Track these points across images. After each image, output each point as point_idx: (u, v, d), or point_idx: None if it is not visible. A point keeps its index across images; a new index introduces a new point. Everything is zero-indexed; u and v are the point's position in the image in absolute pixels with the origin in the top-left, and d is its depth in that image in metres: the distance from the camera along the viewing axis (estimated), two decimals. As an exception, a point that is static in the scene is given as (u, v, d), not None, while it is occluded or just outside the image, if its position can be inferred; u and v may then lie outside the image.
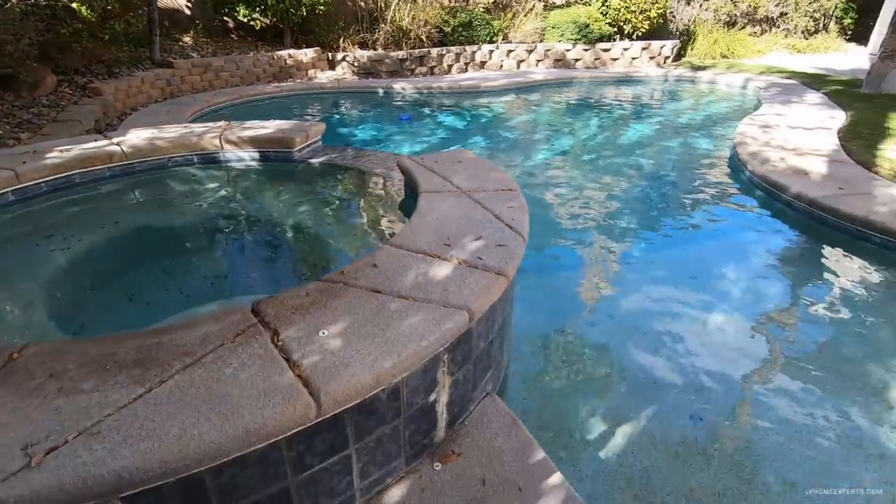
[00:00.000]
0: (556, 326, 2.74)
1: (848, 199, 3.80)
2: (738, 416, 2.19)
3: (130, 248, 2.92)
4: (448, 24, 10.10)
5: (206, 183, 3.42)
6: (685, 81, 10.35)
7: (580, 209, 4.33)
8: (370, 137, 6.49)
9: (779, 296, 3.14)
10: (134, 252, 2.93)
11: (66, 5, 5.06)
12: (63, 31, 5.11)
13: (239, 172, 3.49)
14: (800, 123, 6.13)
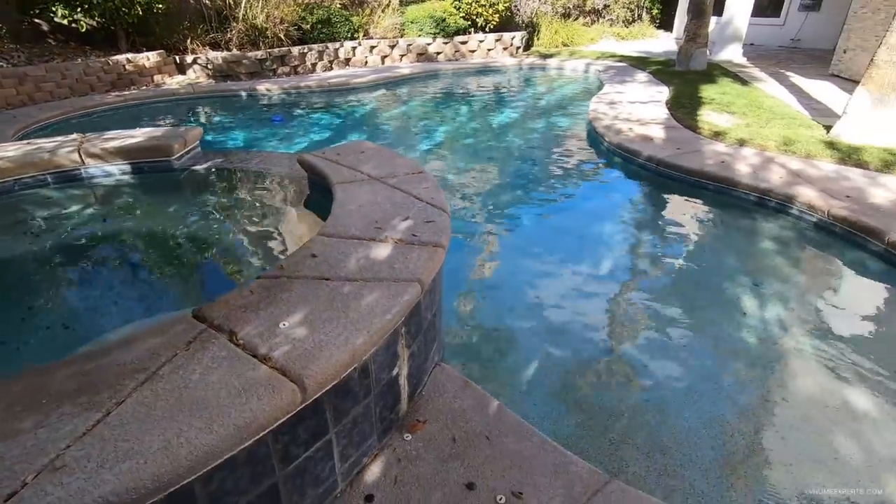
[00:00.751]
0: (461, 297, 2.93)
1: (685, 156, 4.56)
2: (623, 339, 2.57)
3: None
4: (306, 22, 9.80)
5: (69, 205, 2.98)
6: (537, 68, 11.31)
7: (465, 192, 4.58)
8: (242, 142, 6.10)
9: (645, 239, 3.69)
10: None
11: None
12: None
13: (110, 189, 3.09)
14: (637, 99, 7.12)
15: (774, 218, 3.79)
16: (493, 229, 3.84)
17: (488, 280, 3.15)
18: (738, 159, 4.44)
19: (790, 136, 4.94)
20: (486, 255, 3.49)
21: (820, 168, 4.21)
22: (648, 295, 2.96)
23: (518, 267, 3.29)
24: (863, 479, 1.81)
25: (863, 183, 3.86)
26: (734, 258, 3.35)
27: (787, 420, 2.06)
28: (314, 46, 9.91)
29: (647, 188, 4.58)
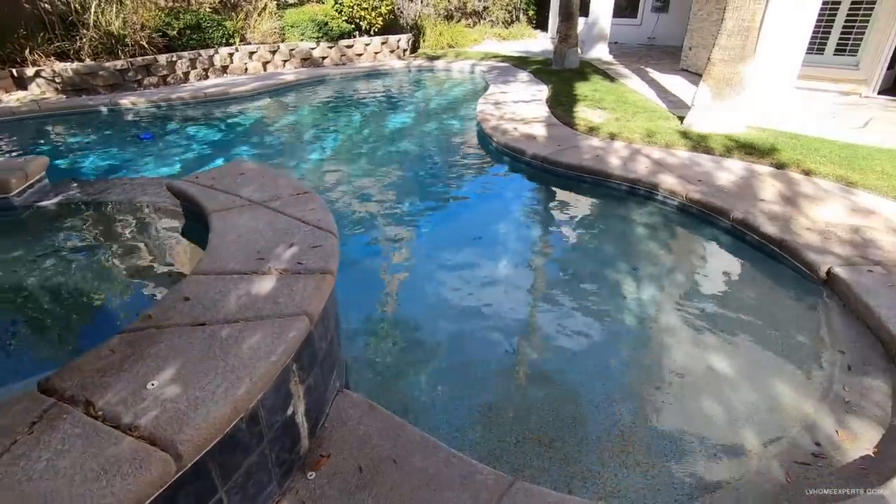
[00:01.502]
0: (368, 312, 2.90)
1: (565, 152, 4.89)
2: (520, 335, 2.71)
3: None
4: (172, 27, 9.01)
5: None
6: (425, 70, 11.44)
7: (363, 201, 4.53)
8: (105, 166, 5.47)
9: (535, 235, 3.91)
10: None
11: None
12: None
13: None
14: (520, 98, 7.49)
15: (644, 204, 4.20)
16: (391, 239, 3.83)
17: (388, 292, 3.13)
18: (610, 152, 4.85)
19: (652, 128, 5.50)
20: (385, 266, 3.47)
21: (677, 156, 4.74)
22: (541, 289, 3.13)
23: (417, 275, 3.31)
24: (728, 436, 2.07)
25: (711, 167, 4.40)
26: (613, 245, 3.66)
27: (667, 392, 2.30)
28: (184, 54, 9.15)
29: (534, 184, 4.84)
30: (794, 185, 3.95)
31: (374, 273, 3.37)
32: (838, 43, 7.29)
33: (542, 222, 4.16)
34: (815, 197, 3.72)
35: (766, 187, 3.93)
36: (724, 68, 5.08)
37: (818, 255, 2.94)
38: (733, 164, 4.49)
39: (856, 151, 4.58)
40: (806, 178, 4.12)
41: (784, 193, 3.80)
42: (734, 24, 4.91)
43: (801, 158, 4.41)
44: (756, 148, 4.73)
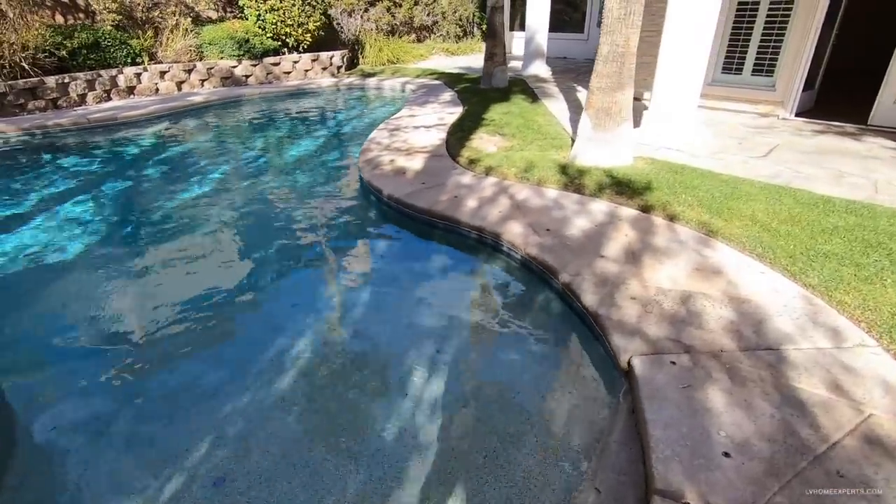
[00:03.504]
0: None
1: (424, 193, 4.38)
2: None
3: None
4: (64, 47, 8.41)
5: None
6: (356, 89, 10.96)
7: (221, 256, 3.97)
8: None
9: (380, 281, 3.35)
10: None
11: None
12: None
13: None
14: (424, 123, 7.01)
15: (487, 258, 3.70)
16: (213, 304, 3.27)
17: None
18: (473, 192, 4.36)
19: (536, 159, 5.03)
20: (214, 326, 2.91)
21: (544, 196, 4.26)
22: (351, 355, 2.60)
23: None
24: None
25: (571, 211, 3.92)
26: (428, 313, 3.13)
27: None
28: (79, 75, 8.55)
29: (391, 228, 4.33)
30: (648, 235, 3.47)
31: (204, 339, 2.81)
32: (755, 63, 6.93)
33: (390, 267, 3.63)
34: (663, 251, 3.25)
35: (617, 238, 3.45)
36: (602, 97, 4.64)
37: (625, 337, 2.44)
38: (598, 206, 4.02)
39: (736, 189, 4.14)
40: (668, 224, 3.65)
41: (632, 247, 3.32)
42: (609, 50, 4.48)
43: (671, 199, 3.95)
44: (630, 186, 4.27)
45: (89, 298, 3.34)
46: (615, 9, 4.31)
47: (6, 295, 3.45)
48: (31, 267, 3.80)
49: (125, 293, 3.43)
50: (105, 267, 3.79)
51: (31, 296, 3.43)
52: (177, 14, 10.31)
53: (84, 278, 3.62)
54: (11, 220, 4.63)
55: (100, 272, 3.71)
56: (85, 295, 3.38)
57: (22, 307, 3.30)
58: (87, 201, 5.08)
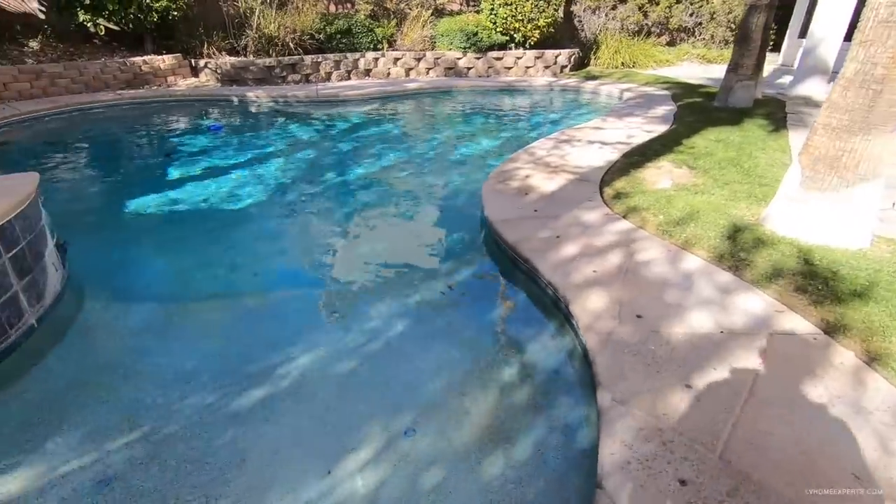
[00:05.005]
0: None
1: (524, 223, 3.63)
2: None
3: None
4: (325, 32, 9.94)
5: None
6: (569, 91, 10.22)
7: (342, 241, 4.13)
8: (176, 149, 6.30)
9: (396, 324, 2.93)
10: None
11: None
12: None
13: None
14: (604, 139, 5.98)
15: (552, 330, 2.80)
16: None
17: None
18: (585, 235, 3.40)
19: (706, 210, 3.69)
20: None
21: (675, 264, 3.03)
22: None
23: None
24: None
25: (699, 299, 2.67)
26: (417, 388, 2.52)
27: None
28: (330, 56, 10.02)
29: (463, 251, 3.74)
30: (813, 381, 2.09)
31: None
32: None
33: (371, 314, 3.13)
34: (836, 425, 1.89)
35: (748, 365, 2.18)
36: (828, 140, 3.05)
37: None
38: (751, 302, 2.64)
39: None
40: (863, 365, 2.16)
41: (766, 394, 2.04)
42: (857, 70, 2.88)
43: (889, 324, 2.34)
44: (831, 283, 2.70)
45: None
46: (883, 7, 2.71)
47: (236, 216, 4.40)
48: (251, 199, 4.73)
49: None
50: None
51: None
52: (421, 6, 11.15)
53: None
54: (240, 163, 5.68)
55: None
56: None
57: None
58: (283, 157, 5.90)
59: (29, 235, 2.61)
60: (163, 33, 9.18)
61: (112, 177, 5.66)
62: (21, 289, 2.50)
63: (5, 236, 2.41)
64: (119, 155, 6.39)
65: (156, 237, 4.15)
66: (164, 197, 4.82)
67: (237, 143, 6.53)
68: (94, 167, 5.91)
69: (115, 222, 4.40)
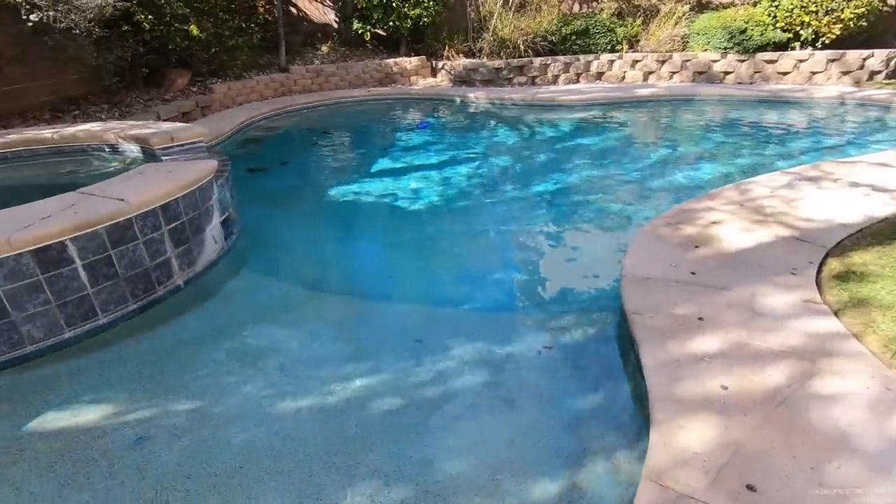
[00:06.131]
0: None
1: (666, 290, 2.75)
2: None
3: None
4: (559, 34, 9.61)
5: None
6: (871, 108, 7.55)
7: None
8: (393, 143, 7.04)
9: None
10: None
11: (178, 28, 7.10)
12: (173, 48, 7.19)
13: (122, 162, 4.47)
14: (887, 183, 4.16)
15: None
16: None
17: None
18: (761, 330, 2.37)
19: None
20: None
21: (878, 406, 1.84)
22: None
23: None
24: None
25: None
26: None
27: None
28: (560, 58, 9.68)
29: (589, 310, 3.05)
30: None
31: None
32: None
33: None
34: None
35: None
36: None
37: None
38: None
39: None
40: None
41: None
42: None
43: None
44: None
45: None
46: None
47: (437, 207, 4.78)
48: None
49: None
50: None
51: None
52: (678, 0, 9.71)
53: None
54: (434, 162, 6.09)
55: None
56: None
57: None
58: (475, 161, 6.03)
59: (192, 213, 3.19)
60: (415, 38, 10.29)
61: (330, 162, 6.64)
62: (174, 255, 3.09)
63: (168, 212, 3.00)
64: (345, 143, 7.47)
65: (334, 226, 4.64)
66: (360, 187, 5.38)
67: (442, 142, 6.89)
68: (321, 152, 7.03)
69: (307, 204, 5.14)
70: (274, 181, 5.82)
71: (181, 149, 4.21)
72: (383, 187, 5.35)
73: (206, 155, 4.15)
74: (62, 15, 5.26)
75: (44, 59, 5.95)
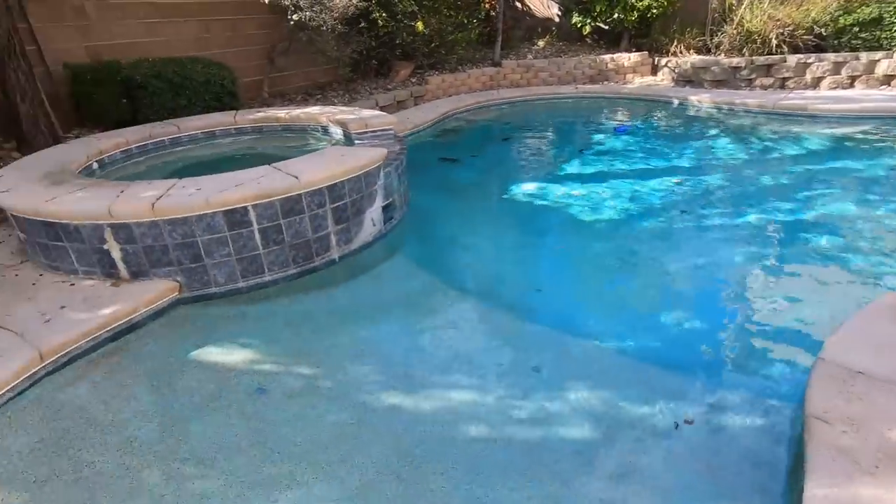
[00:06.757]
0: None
1: (866, 385, 1.89)
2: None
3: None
4: (831, 25, 7.58)
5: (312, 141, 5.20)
6: None
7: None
8: (581, 145, 6.64)
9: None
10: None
11: (406, 24, 7.79)
12: (399, 42, 7.93)
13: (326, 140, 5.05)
14: None
15: None
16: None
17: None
18: None
19: None
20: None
21: None
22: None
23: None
24: None
25: None
26: None
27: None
28: (828, 56, 7.68)
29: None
30: None
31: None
32: None
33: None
34: None
35: None
36: None
37: None
38: None
39: None
40: None
41: None
42: None
43: None
44: None
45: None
46: None
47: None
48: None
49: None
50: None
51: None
52: None
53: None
54: (630, 171, 5.63)
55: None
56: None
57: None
58: (680, 176, 5.27)
59: (355, 195, 3.47)
60: (639, 32, 9.37)
61: (519, 159, 6.53)
62: (333, 232, 3.41)
63: (333, 192, 3.31)
64: (539, 141, 7.26)
65: (501, 227, 4.50)
66: (541, 189, 5.15)
67: (644, 150, 6.17)
68: (512, 147, 6.96)
69: (482, 200, 5.14)
70: (460, 172, 5.99)
71: (372, 135, 4.62)
72: (564, 193, 5.02)
73: (392, 142, 4.45)
74: (316, 14, 6.25)
75: (301, 52, 7.22)
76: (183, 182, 3.09)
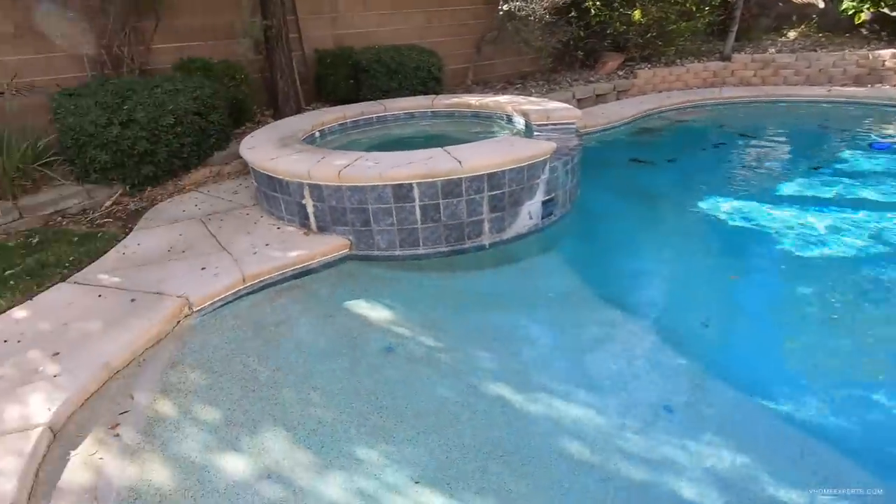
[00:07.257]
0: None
1: None
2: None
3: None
4: None
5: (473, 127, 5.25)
6: None
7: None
8: (816, 161, 5.44)
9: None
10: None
11: (622, 13, 7.24)
12: (611, 32, 7.43)
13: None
14: None
15: None
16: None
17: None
18: None
19: None
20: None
21: None
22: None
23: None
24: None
25: None
26: None
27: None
28: None
29: None
30: None
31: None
32: None
33: None
34: None
35: None
36: None
37: None
38: None
39: None
40: None
41: None
42: None
43: None
44: None
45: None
46: None
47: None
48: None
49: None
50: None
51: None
52: None
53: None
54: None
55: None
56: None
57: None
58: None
59: (515, 186, 3.49)
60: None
61: (727, 171, 5.54)
62: (487, 219, 3.51)
63: (492, 180, 3.38)
64: (759, 152, 6.12)
65: (678, 246, 3.93)
66: (745, 209, 4.36)
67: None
68: (722, 156, 5.98)
69: (666, 211, 4.53)
70: (650, 177, 5.42)
71: (553, 128, 4.54)
72: (779, 217, 4.13)
73: (569, 137, 4.32)
74: (525, 3, 6.32)
75: (507, 42, 7.41)
76: (367, 155, 3.54)
